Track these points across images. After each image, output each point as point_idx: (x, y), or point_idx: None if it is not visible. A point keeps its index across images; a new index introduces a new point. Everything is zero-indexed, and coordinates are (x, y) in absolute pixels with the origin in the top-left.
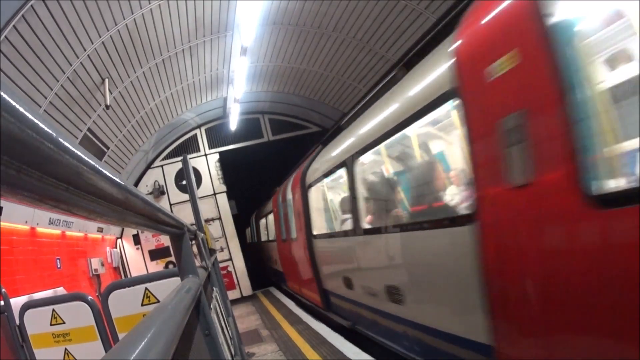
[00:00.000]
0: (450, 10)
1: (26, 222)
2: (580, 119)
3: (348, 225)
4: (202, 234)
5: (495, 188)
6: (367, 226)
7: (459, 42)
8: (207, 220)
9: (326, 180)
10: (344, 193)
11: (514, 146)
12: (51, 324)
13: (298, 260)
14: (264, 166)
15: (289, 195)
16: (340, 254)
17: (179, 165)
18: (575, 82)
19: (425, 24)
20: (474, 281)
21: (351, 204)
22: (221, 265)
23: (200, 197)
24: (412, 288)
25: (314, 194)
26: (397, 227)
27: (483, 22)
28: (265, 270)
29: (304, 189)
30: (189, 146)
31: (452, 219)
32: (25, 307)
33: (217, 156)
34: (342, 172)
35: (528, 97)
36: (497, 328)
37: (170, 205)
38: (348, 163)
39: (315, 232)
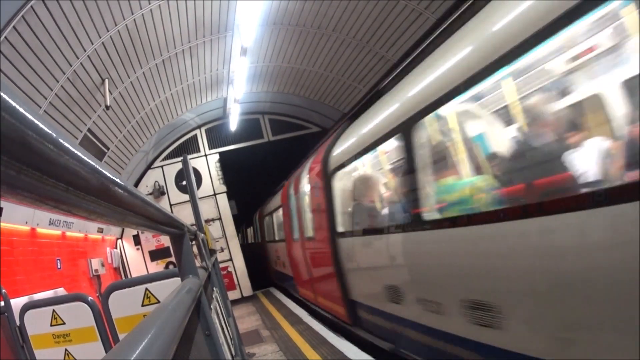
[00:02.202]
0: (450, 10)
1: (26, 222)
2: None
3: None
4: (203, 235)
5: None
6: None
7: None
8: (207, 221)
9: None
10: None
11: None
12: (51, 325)
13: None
14: (264, 166)
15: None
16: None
17: (179, 166)
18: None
19: (425, 24)
20: None
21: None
22: (221, 265)
23: (200, 198)
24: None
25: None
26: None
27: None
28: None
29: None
30: (189, 146)
31: None
32: (26, 308)
33: (217, 156)
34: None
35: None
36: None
37: (171, 205)
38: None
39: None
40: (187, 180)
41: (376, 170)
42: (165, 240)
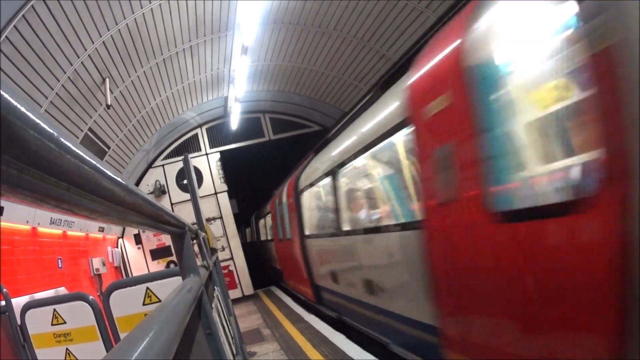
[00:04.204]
0: (450, 9)
1: (27, 222)
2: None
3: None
4: (204, 233)
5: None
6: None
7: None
8: (208, 220)
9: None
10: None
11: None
12: (52, 324)
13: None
14: (265, 165)
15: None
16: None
17: (180, 165)
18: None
19: (426, 22)
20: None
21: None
22: (222, 264)
23: (201, 197)
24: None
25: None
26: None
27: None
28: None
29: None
30: (190, 145)
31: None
32: (27, 307)
33: (218, 155)
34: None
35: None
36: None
37: (172, 204)
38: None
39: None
40: (188, 179)
41: (325, 194)
42: (166, 239)
